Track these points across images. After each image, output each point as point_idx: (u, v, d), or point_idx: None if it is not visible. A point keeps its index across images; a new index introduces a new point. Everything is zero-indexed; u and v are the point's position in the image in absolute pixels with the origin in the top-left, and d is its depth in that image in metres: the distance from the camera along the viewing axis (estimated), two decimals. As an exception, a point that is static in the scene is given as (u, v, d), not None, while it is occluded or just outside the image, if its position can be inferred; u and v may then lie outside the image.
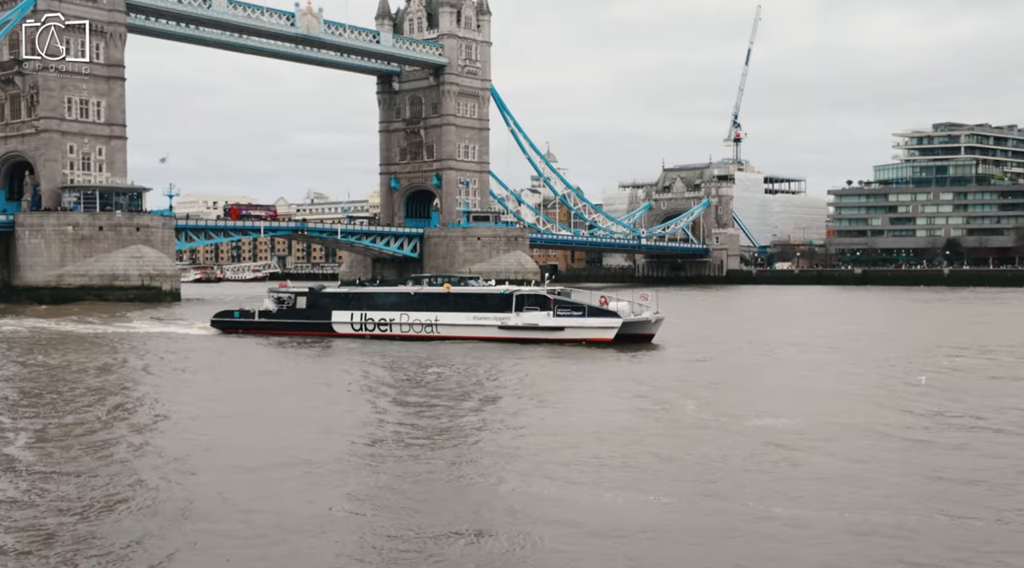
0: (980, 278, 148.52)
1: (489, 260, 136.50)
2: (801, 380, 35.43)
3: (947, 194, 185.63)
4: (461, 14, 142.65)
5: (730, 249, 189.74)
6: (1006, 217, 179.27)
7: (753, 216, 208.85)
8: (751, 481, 19.27)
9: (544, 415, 27.54)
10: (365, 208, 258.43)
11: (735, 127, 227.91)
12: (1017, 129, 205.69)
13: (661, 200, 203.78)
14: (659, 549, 15.22)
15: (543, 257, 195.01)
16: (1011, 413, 27.02)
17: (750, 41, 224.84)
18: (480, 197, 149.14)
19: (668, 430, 25.11)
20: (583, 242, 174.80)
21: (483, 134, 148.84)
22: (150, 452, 22.37)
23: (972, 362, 40.08)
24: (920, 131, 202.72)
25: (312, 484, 19.17)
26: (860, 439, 23.45)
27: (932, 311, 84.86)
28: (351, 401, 30.59)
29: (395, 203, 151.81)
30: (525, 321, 47.94)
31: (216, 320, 57.34)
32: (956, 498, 17.97)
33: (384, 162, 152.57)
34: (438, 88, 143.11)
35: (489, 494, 18.50)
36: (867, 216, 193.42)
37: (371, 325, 51.62)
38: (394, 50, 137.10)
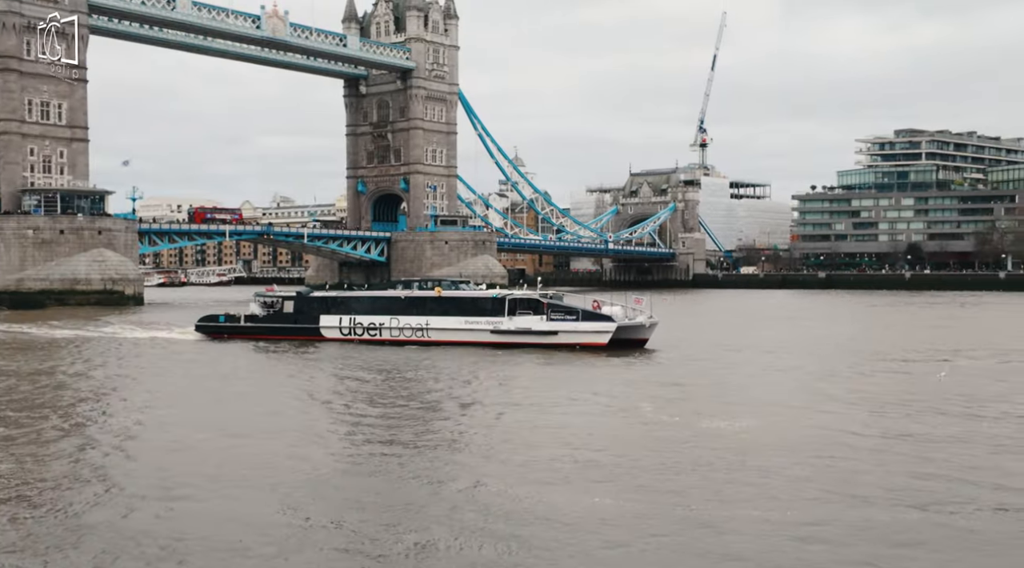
0: (941, 282, 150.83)
1: (457, 264, 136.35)
2: (782, 383, 35.78)
3: (908, 199, 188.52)
4: (428, 18, 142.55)
5: (696, 253, 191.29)
6: (966, 222, 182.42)
7: (719, 221, 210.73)
8: (696, 482, 19.49)
9: (512, 418, 27.57)
10: (332, 212, 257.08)
11: (701, 132, 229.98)
12: (976, 135, 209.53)
13: (628, 205, 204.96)
14: (601, 549, 15.37)
15: (511, 261, 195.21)
16: (957, 416, 27.55)
17: (716, 47, 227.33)
18: (448, 201, 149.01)
19: (631, 433, 25.25)
20: (551, 246, 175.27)
21: (451, 138, 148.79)
22: (117, 463, 22.06)
23: (927, 367, 40.73)
24: (882, 137, 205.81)
25: (284, 489, 19.04)
26: (810, 441, 23.72)
27: (896, 315, 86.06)
28: (325, 407, 30.36)
29: (362, 207, 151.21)
30: (518, 325, 47.26)
31: (201, 325, 56.08)
32: (903, 497, 18.19)
33: (351, 166, 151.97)
34: (405, 92, 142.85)
35: (462, 496, 18.54)
36: (831, 221, 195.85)
37: (360, 329, 50.87)
38: (361, 54, 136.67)
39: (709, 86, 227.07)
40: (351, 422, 27.17)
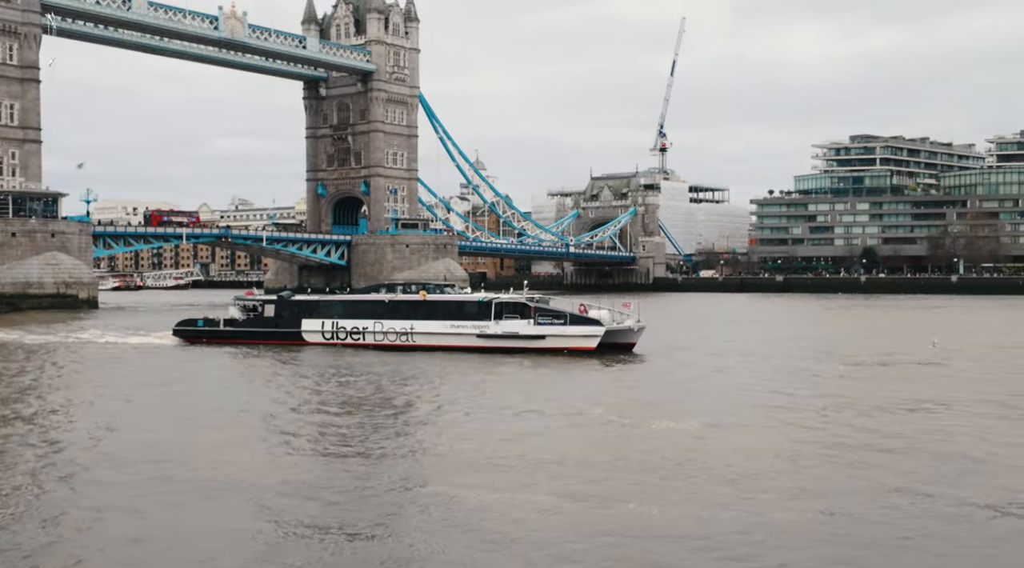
0: (895, 285, 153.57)
1: (418, 267, 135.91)
2: (753, 386, 36.08)
3: (863, 204, 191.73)
4: (389, 21, 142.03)
5: (656, 257, 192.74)
6: (919, 226, 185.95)
7: (679, 225, 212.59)
8: (637, 482, 19.71)
9: (471, 423, 27.56)
10: (291, 215, 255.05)
11: (661, 137, 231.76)
12: (929, 141, 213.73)
13: (589, 208, 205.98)
14: (536, 549, 15.53)
15: (472, 265, 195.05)
16: (900, 413, 28.04)
17: (675, 52, 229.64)
18: (409, 204, 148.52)
19: (580, 437, 25.42)
20: (512, 250, 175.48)
21: (412, 141, 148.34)
22: (79, 473, 21.63)
23: (882, 369, 41.38)
24: (838, 143, 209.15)
25: (253, 496, 18.83)
26: (753, 442, 24.08)
27: (853, 317, 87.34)
28: (294, 413, 30.02)
29: (322, 210, 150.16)
30: (505, 329, 46.38)
31: (178, 329, 54.71)
32: (843, 496, 18.46)
33: (311, 168, 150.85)
34: (366, 94, 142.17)
35: (403, 497, 18.54)
36: (788, 225, 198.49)
37: (343, 334, 49.87)
38: (321, 56, 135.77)
39: (669, 91, 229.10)
40: (320, 428, 26.91)
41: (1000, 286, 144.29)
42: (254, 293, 59.74)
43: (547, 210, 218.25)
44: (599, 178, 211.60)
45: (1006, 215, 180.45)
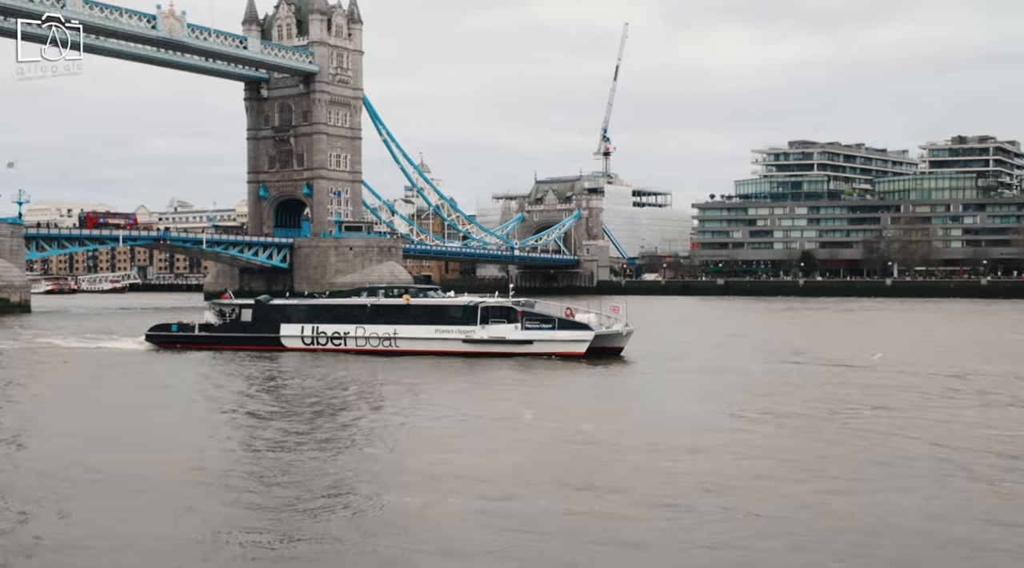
0: (832, 289, 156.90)
1: (362, 271, 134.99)
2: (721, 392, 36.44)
3: (802, 208, 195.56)
4: (332, 22, 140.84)
5: (600, 260, 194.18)
6: (855, 231, 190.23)
7: (622, 228, 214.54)
8: (549, 482, 20.10)
9: (409, 426, 27.61)
10: (232, 217, 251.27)
11: (604, 141, 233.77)
12: (864, 147, 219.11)
13: (534, 212, 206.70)
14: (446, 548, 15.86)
15: (417, 268, 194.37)
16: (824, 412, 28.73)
17: (618, 57, 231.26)
18: (352, 207, 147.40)
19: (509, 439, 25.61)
20: (457, 253, 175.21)
21: (355, 143, 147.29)
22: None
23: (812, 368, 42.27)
24: (776, 148, 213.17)
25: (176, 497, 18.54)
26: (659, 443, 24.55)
27: (795, 319, 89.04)
28: (256, 418, 29.58)
29: (264, 212, 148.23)
30: (491, 334, 45.58)
31: (151, 334, 53.26)
32: (755, 498, 18.78)
33: (252, 170, 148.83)
34: (308, 96, 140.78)
35: (333, 502, 18.56)
36: (729, 229, 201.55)
37: (323, 339, 48.76)
38: (262, 56, 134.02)
39: (612, 96, 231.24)
40: (259, 433, 26.56)
41: (932, 289, 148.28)
42: (230, 297, 57.95)
43: (492, 213, 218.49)
44: (544, 182, 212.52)
45: (938, 220, 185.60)
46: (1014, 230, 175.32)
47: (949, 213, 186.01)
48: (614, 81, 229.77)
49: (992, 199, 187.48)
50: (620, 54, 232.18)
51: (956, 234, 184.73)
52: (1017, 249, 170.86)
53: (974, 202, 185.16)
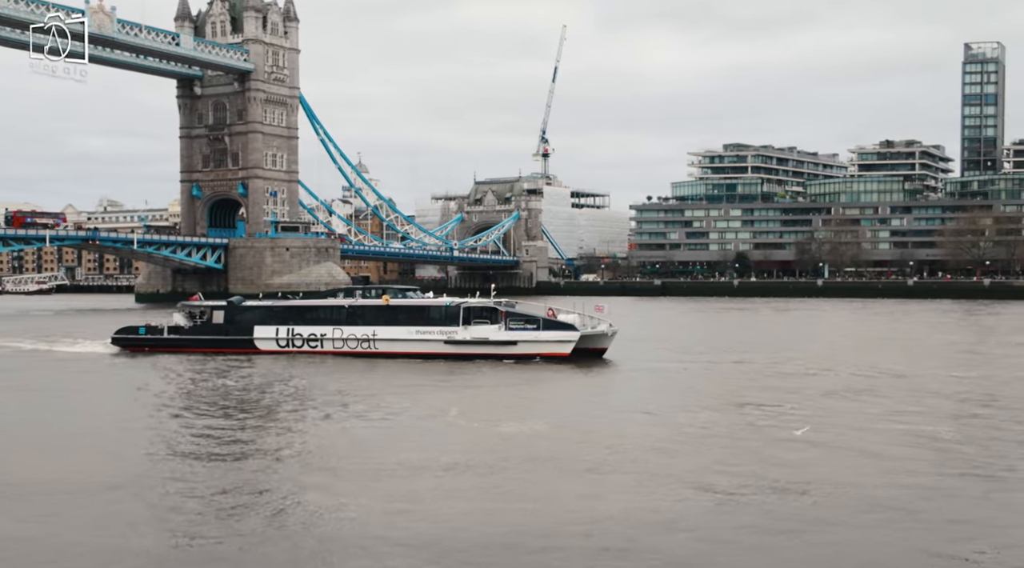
0: (766, 289, 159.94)
1: (299, 271, 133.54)
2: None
3: (736, 210, 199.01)
4: (267, 19, 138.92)
5: (539, 261, 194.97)
6: (787, 232, 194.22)
7: (561, 229, 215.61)
8: (455, 479, 20.53)
9: (337, 424, 27.65)
10: (165, 217, 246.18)
11: (543, 142, 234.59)
12: (796, 151, 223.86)
13: (473, 212, 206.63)
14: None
15: (355, 269, 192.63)
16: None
17: (556, 59, 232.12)
18: (289, 207, 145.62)
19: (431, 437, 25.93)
20: (396, 253, 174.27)
21: (292, 143, 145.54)
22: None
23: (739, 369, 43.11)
24: (712, 151, 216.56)
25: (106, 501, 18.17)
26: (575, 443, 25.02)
27: (737, 320, 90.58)
28: (195, 420, 28.96)
29: (197, 212, 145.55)
30: (474, 335, 44.82)
31: (118, 337, 51.60)
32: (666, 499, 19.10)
33: (185, 169, 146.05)
34: (243, 94, 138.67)
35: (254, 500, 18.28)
36: (665, 230, 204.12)
37: (299, 341, 47.69)
38: (195, 54, 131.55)
39: (550, 97, 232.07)
40: (202, 436, 26.08)
41: (861, 289, 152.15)
42: (199, 298, 56.29)
43: (431, 214, 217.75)
44: (483, 182, 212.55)
45: (867, 221, 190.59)
46: (939, 232, 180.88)
47: (877, 215, 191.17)
48: (552, 83, 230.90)
49: (918, 202, 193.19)
50: (558, 56, 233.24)
51: (884, 236, 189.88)
52: (942, 251, 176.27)
53: (901, 205, 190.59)
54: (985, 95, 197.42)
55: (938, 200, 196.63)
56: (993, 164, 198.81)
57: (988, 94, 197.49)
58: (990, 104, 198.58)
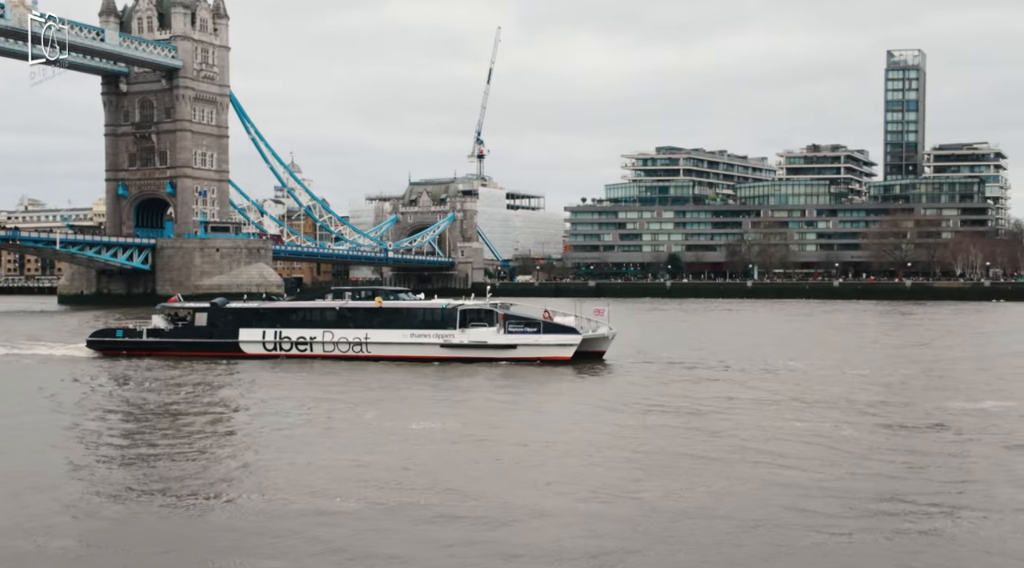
0: (697, 290, 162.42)
1: (229, 272, 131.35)
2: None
3: (668, 212, 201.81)
4: (196, 16, 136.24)
5: (475, 262, 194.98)
6: (718, 234, 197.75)
7: (496, 230, 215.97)
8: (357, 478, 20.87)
9: (256, 426, 27.51)
10: (89, 217, 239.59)
11: (478, 143, 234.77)
12: (727, 154, 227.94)
13: (408, 213, 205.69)
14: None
15: (287, 270, 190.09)
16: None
17: (491, 61, 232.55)
18: (219, 207, 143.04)
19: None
20: (329, 254, 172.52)
21: (222, 142, 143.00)
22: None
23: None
24: (645, 153, 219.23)
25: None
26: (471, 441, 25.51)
27: (665, 319, 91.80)
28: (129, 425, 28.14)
29: (123, 212, 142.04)
30: (471, 338, 43.79)
31: (93, 340, 49.64)
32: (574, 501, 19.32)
33: (111, 168, 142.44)
34: (171, 92, 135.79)
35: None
36: (599, 232, 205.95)
37: (287, 344, 46.32)
38: (121, 49, 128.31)
39: (485, 98, 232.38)
40: (130, 439, 25.43)
41: (789, 290, 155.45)
42: (179, 300, 54.22)
43: (365, 215, 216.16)
44: (418, 183, 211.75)
45: (794, 224, 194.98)
46: (863, 235, 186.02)
47: (804, 218, 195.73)
48: (488, 84, 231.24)
49: (843, 205, 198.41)
50: (493, 57, 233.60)
51: (811, 238, 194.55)
52: (866, 253, 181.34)
53: (827, 208, 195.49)
54: (907, 101, 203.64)
55: (862, 203, 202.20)
56: (914, 168, 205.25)
57: (910, 100, 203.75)
58: (911, 110, 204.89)
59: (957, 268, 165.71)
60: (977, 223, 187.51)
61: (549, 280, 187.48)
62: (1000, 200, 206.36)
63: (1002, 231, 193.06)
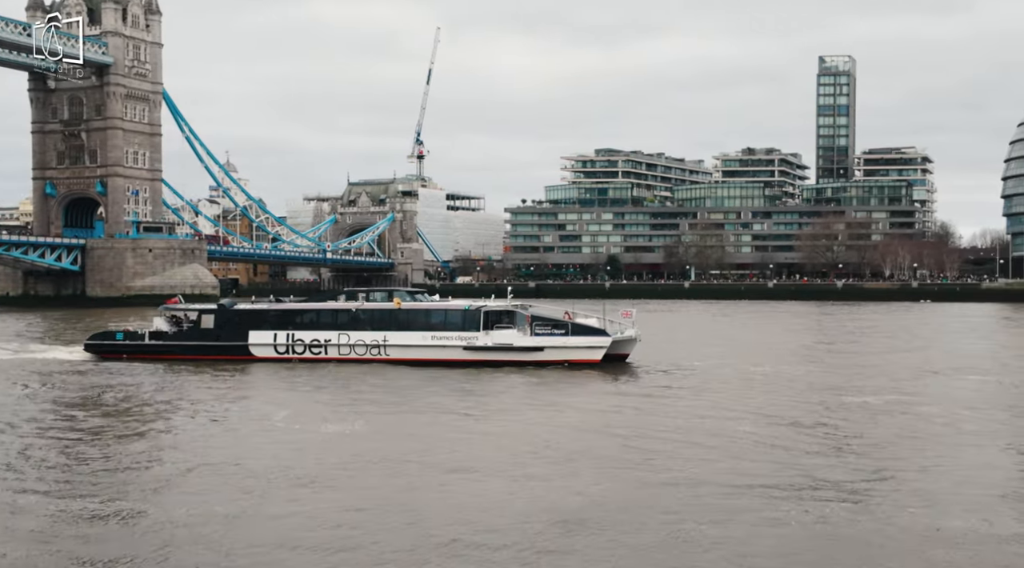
0: (636, 291, 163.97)
1: (163, 273, 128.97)
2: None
3: (608, 214, 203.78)
4: (128, 12, 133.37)
5: (415, 263, 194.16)
6: (656, 236, 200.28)
7: (436, 231, 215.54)
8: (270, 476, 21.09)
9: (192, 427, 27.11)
10: (15, 216, 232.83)
11: (418, 144, 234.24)
12: (664, 156, 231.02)
13: (347, 214, 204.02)
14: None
15: (223, 271, 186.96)
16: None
17: (431, 61, 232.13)
18: (152, 206, 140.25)
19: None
20: (266, 255, 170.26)
21: (155, 140, 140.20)
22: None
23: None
24: (584, 155, 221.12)
25: None
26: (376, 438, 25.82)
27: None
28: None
29: (52, 211, 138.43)
30: (496, 341, 42.40)
31: (91, 343, 47.66)
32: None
33: (38, 166, 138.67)
34: (102, 89, 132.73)
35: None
36: (539, 233, 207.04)
37: (301, 347, 44.61)
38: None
39: (425, 99, 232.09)
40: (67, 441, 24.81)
41: (725, 291, 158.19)
42: (179, 301, 52.08)
43: (303, 215, 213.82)
44: (357, 184, 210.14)
45: (730, 226, 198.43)
46: (796, 236, 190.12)
47: (740, 220, 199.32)
48: (427, 85, 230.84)
49: (777, 207, 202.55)
50: (433, 58, 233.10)
51: (746, 240, 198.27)
52: (799, 254, 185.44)
53: (762, 210, 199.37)
54: (838, 106, 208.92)
55: (795, 206, 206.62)
56: (845, 172, 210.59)
57: (840, 105, 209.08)
58: (842, 115, 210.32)
59: (886, 269, 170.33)
60: (905, 225, 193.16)
61: (489, 281, 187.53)
62: (927, 203, 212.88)
63: (928, 233, 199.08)
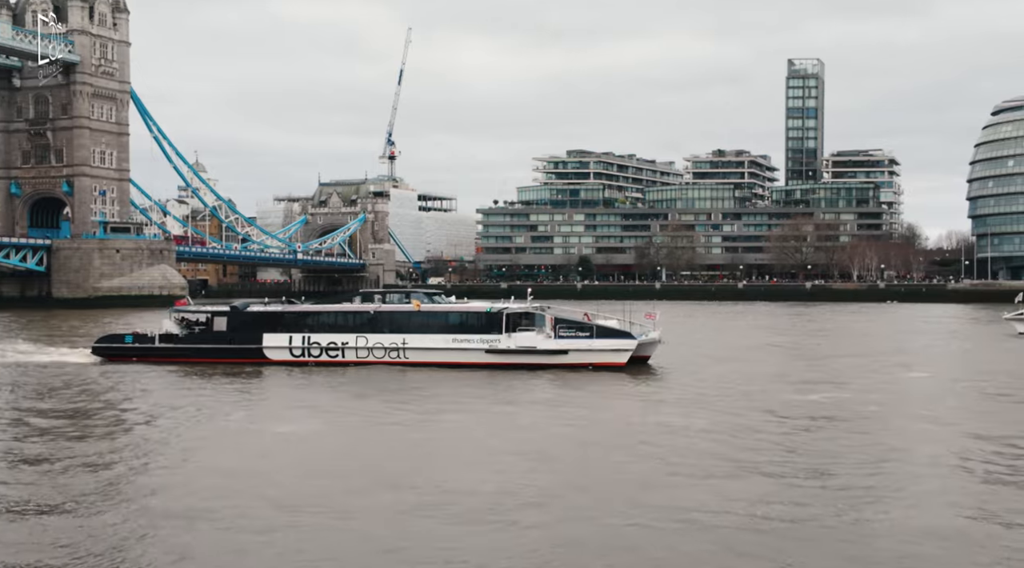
0: (607, 292, 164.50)
1: (131, 274, 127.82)
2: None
3: (579, 215, 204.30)
4: (95, 10, 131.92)
5: (386, 264, 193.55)
6: (628, 237, 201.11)
7: (408, 232, 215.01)
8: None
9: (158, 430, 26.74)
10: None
11: (389, 145, 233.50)
12: (635, 158, 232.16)
13: (318, 214, 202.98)
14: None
15: (192, 272, 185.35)
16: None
17: (402, 62, 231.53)
18: (120, 207, 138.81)
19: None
20: (236, 256, 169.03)
21: (122, 139, 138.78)
22: None
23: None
24: (556, 157, 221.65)
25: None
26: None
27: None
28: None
29: (16, 211, 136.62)
30: (519, 343, 41.93)
31: (99, 346, 46.75)
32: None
33: (3, 166, 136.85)
34: (68, 88, 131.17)
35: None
36: (511, 234, 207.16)
37: (317, 350, 43.87)
38: (14, 43, 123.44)
39: (396, 99, 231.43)
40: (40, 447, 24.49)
41: (695, 292, 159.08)
42: (188, 302, 51.05)
43: (274, 216, 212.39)
44: (328, 184, 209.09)
45: (701, 227, 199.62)
46: (766, 238, 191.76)
47: (710, 221, 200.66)
48: (398, 85, 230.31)
49: (747, 209, 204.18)
50: (404, 58, 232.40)
51: (716, 241, 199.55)
52: (769, 255, 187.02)
53: (732, 212, 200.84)
54: (806, 108, 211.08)
55: (765, 207, 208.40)
56: (814, 174, 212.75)
57: (809, 108, 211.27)
58: (811, 117, 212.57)
59: (854, 270, 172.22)
60: (872, 227, 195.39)
61: (461, 282, 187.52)
62: (894, 205, 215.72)
63: (895, 235, 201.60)
